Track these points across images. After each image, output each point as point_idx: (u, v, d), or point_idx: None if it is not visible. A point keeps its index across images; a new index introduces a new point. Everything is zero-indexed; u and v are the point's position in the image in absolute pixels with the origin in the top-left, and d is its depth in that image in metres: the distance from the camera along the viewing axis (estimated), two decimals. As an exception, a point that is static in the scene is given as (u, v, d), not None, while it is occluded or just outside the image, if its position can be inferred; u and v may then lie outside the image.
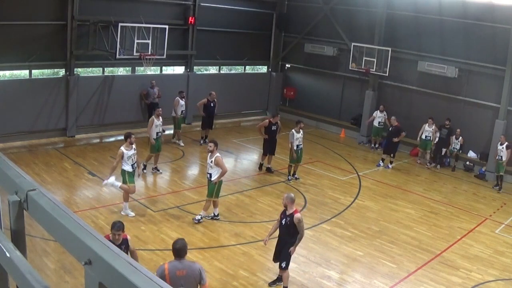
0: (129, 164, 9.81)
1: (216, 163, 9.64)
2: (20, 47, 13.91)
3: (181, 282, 5.33)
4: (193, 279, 5.43)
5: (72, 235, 1.62)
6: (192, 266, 5.52)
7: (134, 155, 9.91)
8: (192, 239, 9.02)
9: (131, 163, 9.83)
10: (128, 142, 9.83)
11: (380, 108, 17.10)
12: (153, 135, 12.31)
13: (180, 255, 5.48)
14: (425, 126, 15.62)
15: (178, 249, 5.48)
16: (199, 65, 19.11)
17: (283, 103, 21.76)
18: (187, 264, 5.50)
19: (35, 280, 1.66)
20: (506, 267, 9.30)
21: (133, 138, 9.99)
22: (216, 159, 9.65)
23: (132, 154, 9.86)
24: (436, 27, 16.33)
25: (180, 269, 5.39)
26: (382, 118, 17.03)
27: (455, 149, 15.68)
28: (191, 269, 5.47)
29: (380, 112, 17.04)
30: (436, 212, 11.99)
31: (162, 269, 5.41)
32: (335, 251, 9.32)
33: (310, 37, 20.10)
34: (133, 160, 9.90)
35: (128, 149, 9.82)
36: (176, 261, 5.47)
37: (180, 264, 5.44)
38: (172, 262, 5.49)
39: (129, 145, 9.84)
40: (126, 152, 9.76)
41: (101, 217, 9.82)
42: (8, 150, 13.17)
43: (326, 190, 12.87)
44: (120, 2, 15.78)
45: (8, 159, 2.17)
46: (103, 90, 16.02)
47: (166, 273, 5.33)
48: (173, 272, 5.35)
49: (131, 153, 9.84)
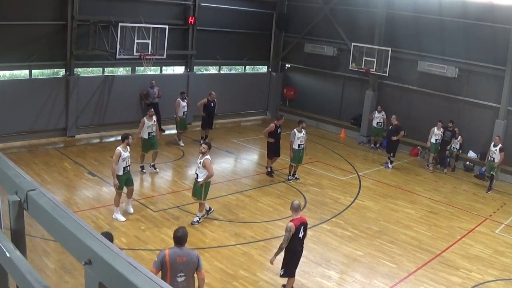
0: (122, 166, 9.64)
1: (203, 165, 9.61)
2: (20, 47, 13.91)
3: (181, 267, 5.71)
4: (191, 266, 5.79)
5: (72, 235, 1.62)
6: (191, 253, 5.87)
7: (128, 158, 9.78)
8: (192, 239, 9.00)
9: (124, 165, 9.67)
10: (125, 143, 9.72)
11: (378, 109, 17.14)
12: (145, 136, 12.35)
13: (181, 243, 5.81)
14: (434, 129, 15.39)
15: (179, 237, 5.81)
16: (199, 65, 19.11)
17: (283, 103, 21.76)
18: (186, 252, 5.84)
19: (35, 280, 1.66)
20: (506, 267, 9.30)
21: (131, 139, 9.88)
22: (204, 161, 9.58)
23: (127, 157, 9.73)
24: (436, 27, 16.33)
25: (180, 256, 5.73)
26: (380, 119, 17.06)
27: (455, 148, 15.71)
28: (190, 256, 5.81)
29: (378, 113, 17.07)
30: (436, 212, 11.99)
31: (163, 254, 5.73)
32: (335, 251, 9.32)
33: (310, 37, 20.10)
34: (127, 163, 9.76)
35: (125, 151, 9.72)
36: (177, 248, 5.81)
37: (180, 251, 5.78)
38: (173, 249, 5.82)
39: (125, 146, 9.74)
40: (123, 153, 9.65)
41: (101, 217, 9.82)
42: (8, 150, 13.18)
43: (326, 190, 12.87)
44: (120, 2, 15.78)
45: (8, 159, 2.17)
46: (103, 90, 16.02)
47: (167, 258, 5.66)
48: (174, 258, 5.68)
49: (126, 155, 9.71)
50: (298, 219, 7.17)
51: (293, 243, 7.14)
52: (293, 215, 7.23)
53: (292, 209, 7.29)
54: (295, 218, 7.19)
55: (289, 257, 7.32)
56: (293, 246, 7.19)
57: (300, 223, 7.13)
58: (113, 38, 14.59)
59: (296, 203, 7.33)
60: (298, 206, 7.32)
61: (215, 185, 12.29)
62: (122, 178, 9.71)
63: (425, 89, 16.93)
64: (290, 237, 7.03)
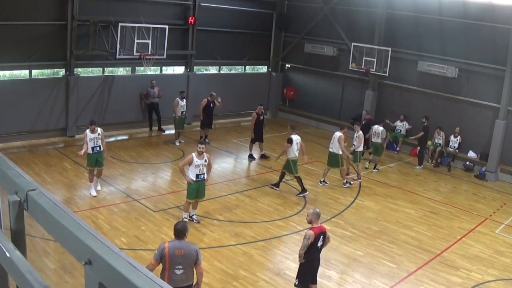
0: (90, 146, 10.63)
1: (208, 160, 9.65)
2: (20, 47, 13.90)
3: (179, 260, 5.79)
4: (190, 259, 5.86)
5: (72, 235, 1.62)
6: (190, 247, 5.93)
7: (96, 139, 10.66)
8: (192, 239, 8.98)
9: (92, 145, 10.62)
10: (91, 127, 10.66)
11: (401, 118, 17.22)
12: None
13: (180, 236, 5.90)
14: (435, 135, 16.08)
15: (179, 229, 5.91)
16: (199, 65, 19.11)
17: (283, 103, 21.76)
18: (185, 245, 5.91)
19: (35, 280, 1.66)
20: (506, 267, 9.30)
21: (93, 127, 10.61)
22: (209, 159, 9.72)
23: (94, 137, 10.64)
24: (436, 27, 16.32)
25: (179, 249, 5.80)
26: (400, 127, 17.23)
27: (453, 147, 15.78)
28: (189, 249, 5.87)
29: (400, 122, 17.20)
30: (436, 212, 11.98)
31: (162, 247, 5.80)
32: (335, 251, 9.31)
33: (310, 37, 20.10)
34: (95, 143, 10.65)
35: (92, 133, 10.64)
36: (176, 241, 5.89)
37: (179, 244, 5.86)
38: (172, 242, 5.90)
39: (92, 130, 10.66)
40: (90, 135, 10.62)
41: (101, 217, 9.82)
42: (8, 150, 13.18)
43: (326, 190, 12.87)
44: (120, 2, 15.78)
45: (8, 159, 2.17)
46: (103, 90, 16.02)
47: (166, 251, 5.74)
48: (172, 251, 5.76)
49: (93, 136, 10.64)
50: (318, 228, 6.90)
51: (311, 252, 6.90)
52: (313, 223, 6.96)
53: (312, 217, 6.99)
54: (315, 226, 6.90)
55: (305, 268, 7.05)
56: (311, 256, 6.93)
57: (320, 232, 6.89)
58: (113, 38, 14.59)
59: (317, 211, 7.03)
60: (319, 214, 7.06)
61: (215, 185, 12.30)
62: (92, 157, 10.66)
63: (425, 89, 16.93)
64: (308, 245, 6.79)
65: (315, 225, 6.92)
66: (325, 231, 7.03)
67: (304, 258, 6.91)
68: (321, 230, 6.96)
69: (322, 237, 6.93)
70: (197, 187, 9.60)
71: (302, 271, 7.07)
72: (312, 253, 6.93)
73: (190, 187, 9.58)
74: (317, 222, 6.95)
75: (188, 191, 9.65)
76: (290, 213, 11.00)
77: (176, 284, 5.75)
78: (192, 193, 9.61)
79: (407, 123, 17.09)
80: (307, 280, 7.11)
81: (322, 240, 6.96)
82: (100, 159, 10.78)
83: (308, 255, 6.89)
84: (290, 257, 8.85)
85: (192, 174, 9.50)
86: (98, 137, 10.67)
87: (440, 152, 16.00)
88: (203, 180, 9.63)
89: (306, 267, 7.03)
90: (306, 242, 6.79)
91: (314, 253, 6.96)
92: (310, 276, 7.12)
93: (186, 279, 5.92)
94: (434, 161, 16.12)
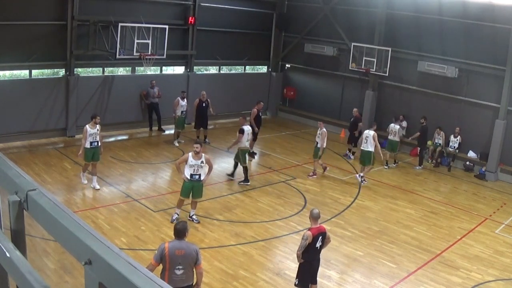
0: (89, 141, 10.89)
1: (206, 161, 9.66)
2: (20, 47, 13.90)
3: (179, 260, 5.80)
4: (190, 259, 5.86)
5: (72, 235, 1.62)
6: (190, 247, 5.93)
7: (95, 134, 10.96)
8: (192, 239, 8.99)
9: (91, 140, 10.88)
10: (93, 122, 10.97)
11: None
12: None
13: (180, 236, 5.90)
14: (435, 135, 16.11)
15: (179, 230, 5.91)
16: (199, 65, 19.11)
17: (283, 103, 21.77)
18: (185, 245, 5.92)
19: (35, 280, 1.66)
20: (506, 267, 9.30)
21: (98, 119, 11.02)
22: (207, 158, 9.70)
23: (94, 133, 10.94)
24: (436, 27, 16.32)
25: (179, 249, 5.81)
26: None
27: (453, 147, 15.78)
28: (189, 249, 5.88)
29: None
30: (436, 212, 11.99)
31: (162, 247, 5.81)
32: (335, 251, 9.31)
33: (310, 37, 20.10)
34: (94, 138, 10.92)
35: (92, 128, 10.94)
36: (176, 241, 5.90)
37: (179, 244, 5.87)
38: (172, 242, 5.91)
39: (93, 125, 10.97)
40: (90, 130, 10.89)
41: (101, 217, 9.82)
42: (8, 150, 13.18)
43: (326, 190, 12.87)
44: (120, 2, 15.78)
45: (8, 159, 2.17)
46: (103, 90, 16.02)
47: (166, 251, 5.75)
48: (173, 251, 5.77)
49: (93, 131, 10.94)
50: (317, 229, 6.87)
51: (310, 253, 6.86)
52: (312, 224, 6.98)
53: (311, 217, 7.01)
54: (314, 227, 6.89)
55: (305, 268, 7.04)
56: (310, 256, 6.90)
57: (318, 233, 6.88)
58: (113, 38, 14.59)
59: (316, 211, 7.00)
60: (318, 215, 7.03)
61: (215, 185, 12.31)
62: (89, 152, 10.92)
63: (425, 89, 16.93)
64: (305, 245, 6.78)
65: (314, 226, 6.92)
66: (324, 232, 7.01)
67: (303, 259, 6.92)
68: (320, 230, 6.94)
69: (321, 237, 6.92)
70: (191, 186, 9.66)
71: (302, 271, 7.07)
72: (311, 254, 6.92)
73: (184, 185, 9.70)
74: (315, 223, 6.96)
75: (182, 189, 9.76)
76: (290, 213, 11.00)
77: (176, 284, 5.75)
78: (185, 191, 9.70)
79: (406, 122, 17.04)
80: (306, 280, 7.10)
81: (321, 241, 6.94)
82: (96, 154, 11.10)
83: (307, 255, 6.89)
84: (290, 257, 8.85)
85: (187, 173, 9.62)
86: (97, 132, 11.00)
87: (440, 152, 16.02)
88: (198, 181, 9.66)
89: (306, 267, 7.03)
90: (303, 243, 6.79)
91: (313, 253, 6.95)
92: (310, 276, 7.12)
93: (186, 279, 5.92)
94: (434, 161, 16.15)
